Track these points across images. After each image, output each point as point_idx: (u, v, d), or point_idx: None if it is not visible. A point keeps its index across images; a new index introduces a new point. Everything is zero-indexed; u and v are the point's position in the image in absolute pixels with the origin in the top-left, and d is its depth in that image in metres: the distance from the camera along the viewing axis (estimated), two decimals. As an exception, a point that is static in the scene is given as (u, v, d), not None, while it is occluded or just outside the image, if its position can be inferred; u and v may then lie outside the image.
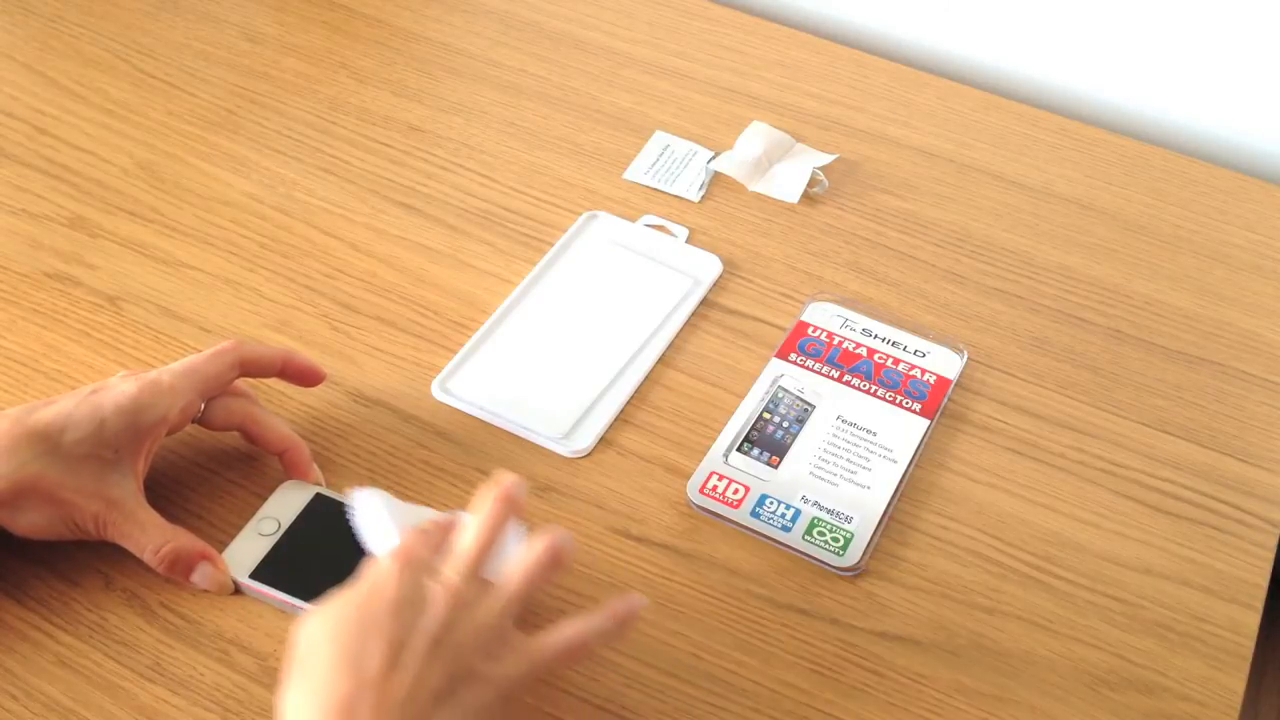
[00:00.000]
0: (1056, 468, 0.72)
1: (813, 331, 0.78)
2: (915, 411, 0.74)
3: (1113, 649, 0.64)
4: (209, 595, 0.63)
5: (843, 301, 0.80)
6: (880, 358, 0.76)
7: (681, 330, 0.78)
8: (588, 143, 0.91)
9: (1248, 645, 0.65)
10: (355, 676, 0.50)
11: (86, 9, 0.99)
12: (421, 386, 0.74)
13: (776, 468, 0.70)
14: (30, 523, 0.60)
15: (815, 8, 1.07)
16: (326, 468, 0.69)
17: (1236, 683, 0.64)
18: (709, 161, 0.89)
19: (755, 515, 0.68)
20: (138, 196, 0.84)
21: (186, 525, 0.63)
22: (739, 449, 0.71)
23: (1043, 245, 0.86)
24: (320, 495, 0.66)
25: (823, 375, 0.75)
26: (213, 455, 0.69)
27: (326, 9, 1.01)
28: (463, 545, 0.55)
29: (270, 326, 0.76)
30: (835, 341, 0.77)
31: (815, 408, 0.74)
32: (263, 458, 0.69)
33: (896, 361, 0.76)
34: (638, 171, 0.88)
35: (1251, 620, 0.66)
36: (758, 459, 0.71)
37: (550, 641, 0.55)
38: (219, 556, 0.63)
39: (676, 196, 0.87)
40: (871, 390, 0.75)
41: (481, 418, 0.72)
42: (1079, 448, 0.74)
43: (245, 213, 0.83)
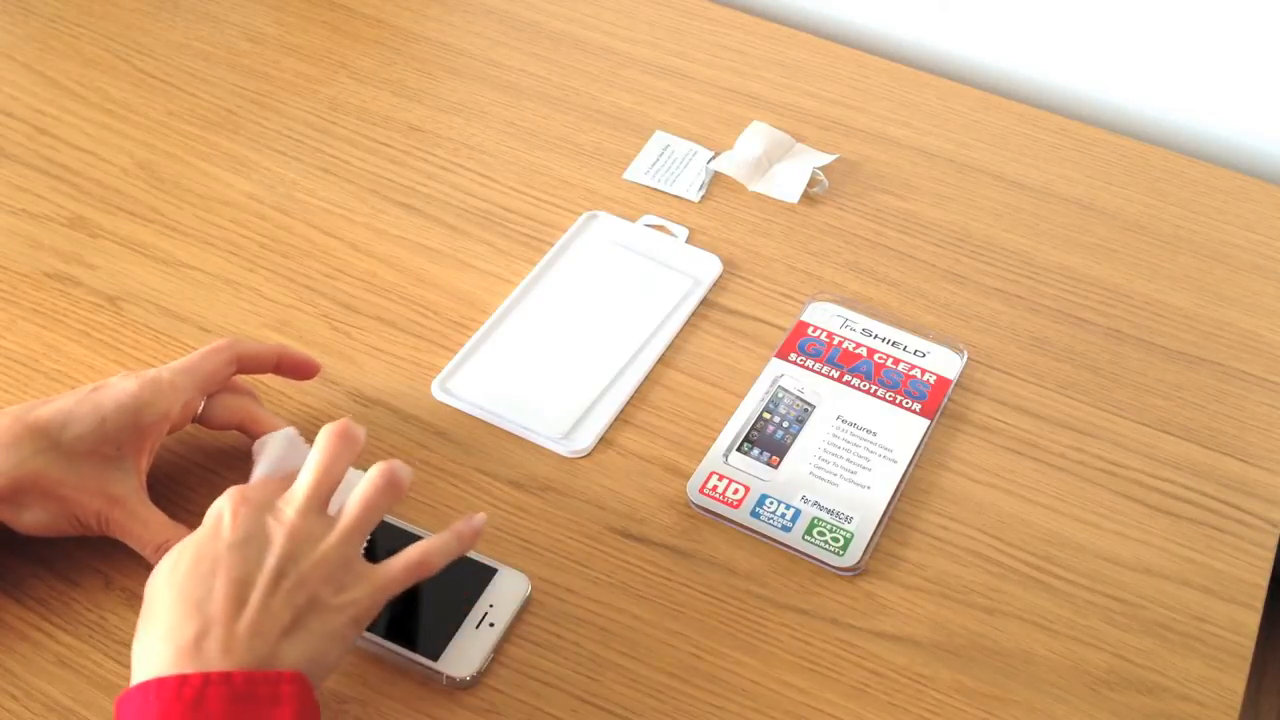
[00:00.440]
0: (1056, 468, 0.72)
1: (813, 331, 0.78)
2: (915, 411, 0.74)
3: (1113, 649, 0.64)
4: (208, 595, 0.63)
5: (843, 301, 0.79)
6: (880, 358, 0.76)
7: (681, 330, 0.78)
8: (588, 143, 0.91)
9: (1248, 645, 0.65)
10: (201, 616, 0.51)
11: (86, 9, 0.99)
12: (421, 386, 0.74)
13: (776, 468, 0.70)
14: (34, 519, 0.60)
15: (815, 8, 1.07)
16: (326, 467, 0.69)
17: (1236, 683, 0.63)
18: (709, 161, 0.89)
19: (755, 515, 0.68)
20: (138, 196, 0.84)
21: (187, 524, 0.63)
22: (739, 449, 0.71)
23: (1043, 245, 0.86)
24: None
25: (823, 375, 0.75)
26: (213, 454, 0.69)
27: (326, 9, 1.01)
28: (301, 483, 0.57)
29: (270, 326, 0.76)
30: (835, 341, 0.77)
31: (815, 408, 0.74)
32: (263, 457, 0.69)
33: (896, 361, 0.76)
34: (638, 171, 0.88)
35: (1251, 620, 0.66)
36: (758, 459, 0.71)
37: (395, 563, 0.56)
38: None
39: (676, 196, 0.87)
40: (871, 390, 0.75)
41: (481, 418, 0.72)
42: (1079, 448, 0.74)
43: (245, 213, 0.83)
